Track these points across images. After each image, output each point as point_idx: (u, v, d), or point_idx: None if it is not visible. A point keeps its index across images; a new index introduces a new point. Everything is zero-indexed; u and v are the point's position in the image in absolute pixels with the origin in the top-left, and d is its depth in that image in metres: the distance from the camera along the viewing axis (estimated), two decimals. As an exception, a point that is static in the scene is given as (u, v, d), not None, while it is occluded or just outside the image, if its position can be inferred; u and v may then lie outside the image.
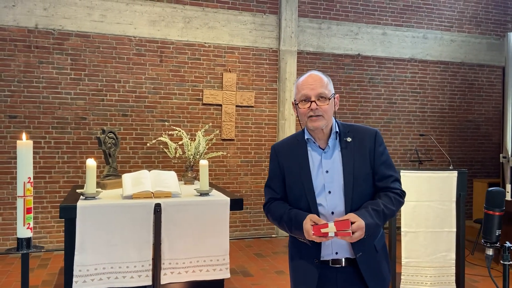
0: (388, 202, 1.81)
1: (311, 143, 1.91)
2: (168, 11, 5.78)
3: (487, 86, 7.43)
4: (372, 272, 1.83)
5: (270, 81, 6.27)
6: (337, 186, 1.82)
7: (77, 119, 5.46)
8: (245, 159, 6.17)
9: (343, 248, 1.83)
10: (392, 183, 1.87)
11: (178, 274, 3.00)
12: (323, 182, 1.84)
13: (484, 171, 7.38)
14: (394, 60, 6.88)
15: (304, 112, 1.83)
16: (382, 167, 1.87)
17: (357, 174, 1.82)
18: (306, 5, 6.43)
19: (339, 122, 1.93)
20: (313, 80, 1.83)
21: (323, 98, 1.81)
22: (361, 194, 1.82)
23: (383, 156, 1.88)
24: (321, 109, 1.80)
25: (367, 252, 1.82)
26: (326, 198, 1.83)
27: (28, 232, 2.13)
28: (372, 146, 1.87)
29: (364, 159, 1.85)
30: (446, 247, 3.66)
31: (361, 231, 1.68)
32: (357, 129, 1.92)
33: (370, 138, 1.88)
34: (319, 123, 1.82)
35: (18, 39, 5.24)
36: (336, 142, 1.88)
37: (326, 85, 1.84)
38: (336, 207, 1.82)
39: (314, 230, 1.69)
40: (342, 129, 1.90)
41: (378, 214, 1.76)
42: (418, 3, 7.00)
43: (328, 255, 1.83)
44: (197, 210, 3.05)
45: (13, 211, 5.23)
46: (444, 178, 3.67)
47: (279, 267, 4.85)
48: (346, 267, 1.84)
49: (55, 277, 4.41)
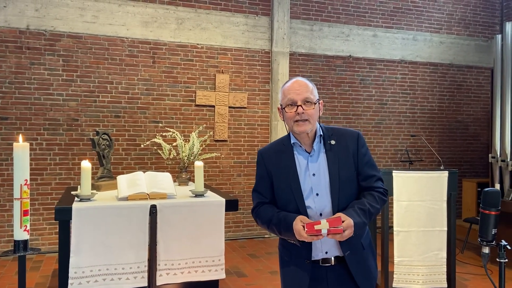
0: (372, 201, 1.88)
1: (297, 147, 1.96)
2: (161, 12, 5.78)
3: (476, 87, 7.55)
4: (360, 269, 1.90)
5: (262, 82, 6.31)
6: (324, 188, 1.88)
7: (69, 121, 5.43)
8: (238, 160, 6.20)
9: (332, 247, 1.89)
10: (375, 182, 1.94)
11: (174, 275, 3.01)
12: (311, 185, 1.89)
13: (473, 171, 7.50)
14: (385, 61, 6.96)
15: (291, 116, 1.88)
16: (366, 168, 1.94)
17: (342, 176, 1.88)
18: (298, 7, 6.48)
19: (322, 126, 2.00)
20: (299, 86, 1.90)
21: (308, 102, 1.87)
22: (347, 194, 1.89)
23: (365, 157, 1.95)
24: (307, 114, 1.86)
25: (354, 250, 1.89)
26: (314, 200, 1.88)
27: (25, 234, 2.12)
28: (355, 148, 1.94)
29: (348, 161, 1.91)
30: (437, 246, 3.72)
31: (351, 229, 1.74)
32: (340, 131, 1.99)
33: (352, 140, 1.95)
34: (305, 127, 1.87)
35: (9, 40, 5.20)
36: (320, 145, 1.94)
37: (312, 91, 1.91)
38: (324, 209, 1.87)
39: (308, 227, 1.72)
40: (325, 132, 1.96)
41: (364, 213, 1.82)
42: (408, 6, 7.09)
43: (318, 255, 1.89)
44: (192, 211, 3.07)
45: (4, 214, 5.19)
46: (435, 178, 3.74)
47: (273, 267, 4.88)
48: (336, 266, 1.89)
49: (48, 279, 4.38)
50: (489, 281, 4.42)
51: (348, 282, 1.89)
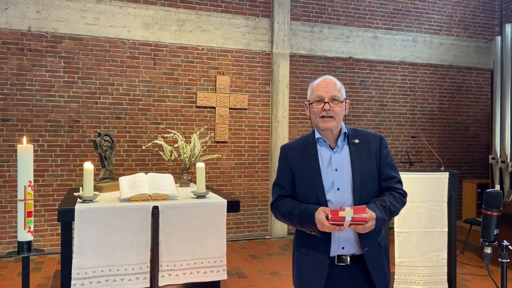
0: (393, 200, 1.92)
1: (321, 142, 2.01)
2: (162, 14, 5.80)
3: (475, 89, 7.57)
4: (377, 269, 1.91)
5: (263, 83, 6.32)
6: (346, 184, 1.92)
7: (71, 122, 5.45)
8: (239, 161, 6.21)
9: (349, 243, 1.91)
10: (395, 184, 1.98)
11: (176, 276, 3.03)
12: (332, 180, 1.93)
13: (473, 172, 7.52)
14: (385, 63, 6.99)
15: (317, 112, 1.94)
16: (387, 169, 1.99)
17: (365, 173, 1.93)
18: (298, 9, 6.50)
19: (347, 126, 2.05)
20: (327, 84, 1.95)
21: (335, 100, 1.93)
22: (368, 191, 1.93)
23: (387, 159, 2.01)
24: (333, 111, 1.92)
25: (372, 248, 1.91)
26: (335, 194, 1.91)
27: (29, 236, 2.14)
28: (377, 149, 1.99)
29: (370, 160, 1.96)
30: (438, 246, 3.74)
31: (373, 221, 1.78)
32: (363, 132, 2.05)
33: (375, 142, 2.01)
34: (330, 124, 1.93)
35: (11, 41, 5.22)
36: (344, 142, 2.00)
37: (339, 89, 1.96)
38: (344, 204, 1.90)
39: (332, 213, 1.76)
40: (350, 132, 2.02)
41: (385, 209, 1.87)
42: (408, 7, 7.11)
43: (335, 250, 1.90)
44: (194, 212, 3.08)
45: (6, 215, 5.20)
46: (436, 179, 3.75)
47: (274, 268, 4.89)
48: (351, 265, 1.91)
49: (50, 280, 4.39)
50: (490, 281, 4.44)
51: (363, 282, 1.90)
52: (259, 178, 6.32)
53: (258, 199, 6.32)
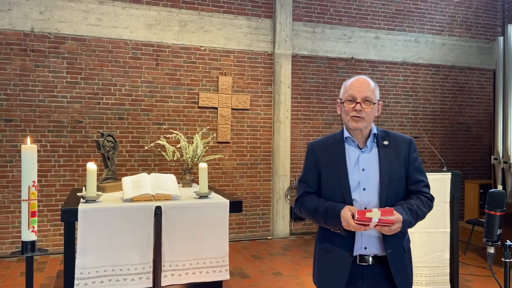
0: (420, 204, 1.91)
1: (350, 141, 2.00)
2: (164, 15, 5.82)
3: (478, 89, 7.57)
4: (400, 271, 1.90)
5: (265, 84, 6.33)
6: (372, 184, 1.91)
7: (73, 123, 5.46)
8: (241, 162, 6.22)
9: (372, 243, 1.90)
10: (423, 188, 1.98)
11: (179, 276, 3.04)
12: (359, 179, 1.93)
13: (475, 172, 7.51)
14: (387, 63, 6.99)
15: (348, 111, 1.94)
16: (415, 173, 1.98)
17: (393, 175, 1.92)
18: (300, 9, 6.51)
19: (377, 127, 2.04)
20: (361, 84, 1.95)
21: (368, 101, 1.92)
22: (395, 193, 1.92)
23: (416, 162, 2.00)
24: (365, 112, 1.91)
25: (396, 250, 1.90)
26: (360, 194, 1.91)
27: (33, 236, 2.15)
28: (407, 152, 1.99)
29: (399, 163, 1.95)
30: (440, 247, 3.74)
31: (399, 224, 1.78)
32: (394, 135, 2.04)
33: (405, 144, 2.00)
34: (360, 124, 1.93)
35: (14, 42, 5.24)
36: (374, 144, 1.99)
37: (373, 91, 1.95)
38: (369, 204, 1.90)
39: (359, 214, 1.75)
40: (379, 133, 2.01)
41: (412, 213, 1.86)
42: (410, 8, 7.11)
43: (357, 249, 1.90)
44: (197, 213, 3.09)
45: (9, 215, 5.22)
46: (438, 180, 3.75)
47: (276, 268, 4.89)
48: (373, 265, 1.90)
49: (52, 280, 4.41)
50: (492, 282, 4.43)
51: (385, 283, 1.90)
52: (261, 179, 6.33)
53: (260, 199, 6.32)
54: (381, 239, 1.88)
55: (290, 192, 6.40)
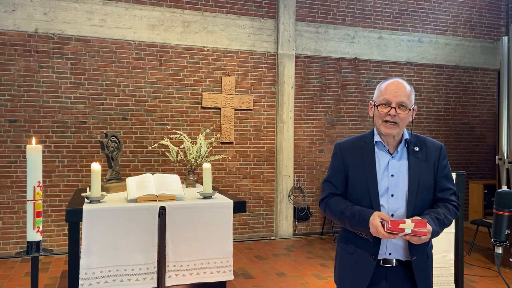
0: (447, 213, 1.90)
1: (380, 146, 1.96)
2: (167, 15, 5.83)
3: (482, 89, 7.54)
4: (423, 278, 1.90)
5: (268, 84, 6.33)
6: (401, 191, 1.89)
7: (77, 123, 5.48)
8: (244, 162, 6.22)
9: (397, 249, 1.89)
10: (450, 196, 1.96)
11: (183, 276, 3.03)
12: (387, 185, 1.90)
13: (479, 172, 7.48)
14: (390, 63, 6.97)
15: (381, 115, 1.89)
16: (444, 180, 1.96)
17: (422, 182, 1.89)
18: (303, 10, 6.50)
19: (409, 132, 2.00)
20: (398, 88, 1.88)
21: (403, 107, 1.87)
22: (423, 201, 1.90)
23: (445, 170, 1.97)
24: (399, 117, 1.86)
25: (420, 257, 1.89)
26: (388, 200, 1.89)
27: (38, 236, 2.15)
28: (436, 158, 1.96)
29: (428, 170, 1.93)
30: (445, 248, 3.72)
31: (429, 235, 1.77)
32: (424, 140, 2.00)
33: (435, 151, 1.97)
34: (392, 130, 1.88)
35: (18, 43, 5.26)
36: (404, 149, 1.95)
37: (409, 96, 1.89)
38: (397, 211, 1.88)
39: (392, 224, 1.73)
40: (411, 139, 1.97)
41: (440, 222, 1.85)
42: (413, 8, 7.09)
43: (382, 255, 1.89)
44: (201, 213, 3.09)
45: (13, 215, 5.23)
46: (442, 180, 3.73)
47: (280, 269, 4.89)
48: (397, 267, 1.89)
49: (57, 280, 4.42)
50: (497, 282, 4.42)
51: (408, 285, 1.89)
52: (265, 179, 6.32)
53: (263, 199, 6.32)
54: (407, 246, 1.86)
55: (293, 193, 6.40)
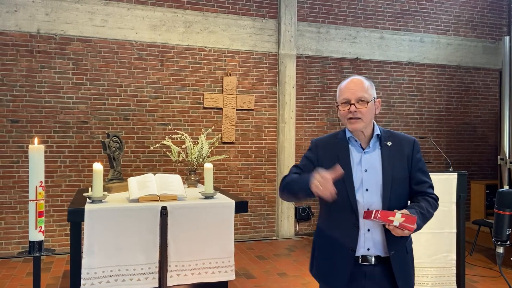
0: (428, 206, 1.92)
1: (352, 141, 2.00)
2: (169, 16, 5.83)
3: (483, 89, 7.53)
4: (402, 273, 1.90)
5: (270, 84, 6.33)
6: (375, 185, 1.91)
7: (79, 123, 5.49)
8: (246, 162, 6.22)
9: (376, 245, 1.89)
10: (427, 189, 1.98)
11: (184, 276, 3.04)
12: (361, 180, 1.92)
13: (481, 172, 7.47)
14: (392, 63, 6.97)
15: (344, 114, 1.94)
16: (419, 173, 1.98)
17: (396, 176, 1.91)
18: (305, 10, 6.50)
19: (380, 127, 2.03)
20: (354, 85, 1.93)
21: (362, 101, 1.91)
22: (398, 194, 1.92)
23: (419, 163, 1.99)
24: (360, 112, 1.90)
25: (399, 252, 1.90)
26: (363, 195, 1.90)
27: (40, 236, 2.16)
28: (410, 152, 1.98)
29: (402, 164, 1.95)
30: (446, 248, 3.72)
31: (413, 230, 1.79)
32: (397, 135, 2.03)
33: (408, 145, 1.99)
34: (357, 125, 1.92)
35: (20, 44, 5.27)
36: (377, 144, 1.98)
37: (367, 89, 1.93)
38: (372, 205, 1.89)
39: (382, 214, 1.76)
40: (383, 134, 2.00)
41: (423, 216, 1.86)
42: (415, 8, 7.09)
43: (360, 249, 1.89)
44: (202, 213, 3.09)
45: (15, 215, 5.25)
46: (444, 180, 3.73)
47: (281, 269, 4.89)
48: (376, 266, 1.90)
49: (59, 280, 4.43)
50: (498, 283, 4.41)
51: (386, 283, 1.90)
52: (266, 179, 6.33)
53: (265, 200, 6.32)
54: (385, 241, 1.88)
55: (295, 193, 6.39)
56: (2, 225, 5.20)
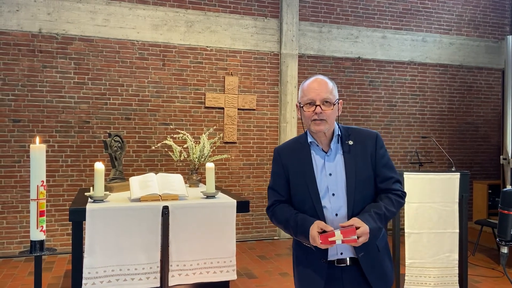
0: (389, 204, 1.87)
1: (314, 146, 1.95)
2: (171, 15, 5.83)
3: (486, 89, 7.50)
4: (375, 271, 1.88)
5: (271, 84, 6.32)
6: (340, 189, 1.87)
7: (81, 123, 5.49)
8: (247, 162, 6.21)
9: (346, 248, 1.88)
10: (393, 184, 1.92)
11: (186, 276, 3.03)
12: (327, 185, 1.88)
13: (483, 172, 7.44)
14: (394, 63, 6.95)
15: (309, 116, 1.87)
16: (384, 169, 1.93)
17: (359, 177, 1.87)
18: (307, 9, 6.49)
19: (340, 126, 1.98)
20: (319, 85, 1.87)
21: (327, 103, 1.86)
22: (363, 196, 1.88)
23: (384, 159, 1.94)
24: (325, 114, 1.85)
25: (369, 252, 1.87)
26: (330, 200, 1.87)
27: (41, 235, 2.15)
28: (373, 149, 1.93)
29: (365, 162, 1.90)
30: (449, 248, 3.71)
31: (366, 236, 1.73)
32: (358, 131, 1.97)
33: (371, 141, 1.93)
34: (322, 127, 1.86)
35: (22, 43, 5.27)
36: (338, 145, 1.93)
37: (331, 91, 1.88)
38: (340, 209, 1.86)
39: (322, 239, 1.73)
40: (343, 132, 1.95)
41: (380, 217, 1.81)
42: (417, 7, 7.07)
43: (333, 256, 1.88)
44: (204, 213, 3.08)
45: (17, 215, 5.25)
46: (446, 180, 3.72)
47: (283, 269, 4.88)
48: (352, 266, 1.88)
49: (60, 280, 4.43)
50: (501, 283, 4.39)
51: (363, 283, 1.88)
52: (268, 179, 6.32)
53: (266, 199, 6.30)
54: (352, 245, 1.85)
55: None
56: (4, 225, 5.21)
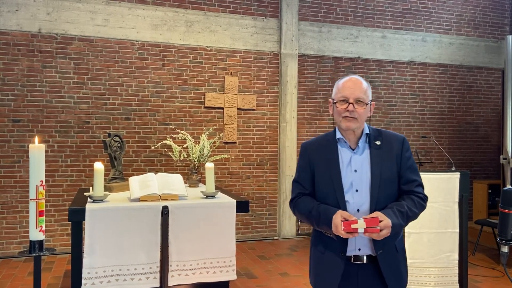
0: (412, 205, 1.90)
1: (342, 142, 1.99)
2: (170, 15, 5.82)
3: (486, 88, 7.50)
4: (392, 271, 1.91)
5: (271, 84, 6.32)
6: (364, 185, 1.91)
7: (80, 123, 5.48)
8: (247, 162, 6.21)
9: (365, 245, 1.90)
10: (416, 188, 1.96)
11: (186, 276, 3.03)
12: (351, 181, 1.92)
13: (483, 172, 7.44)
14: (394, 63, 6.94)
15: (340, 112, 1.93)
16: (408, 172, 1.97)
17: (384, 176, 1.91)
18: (306, 9, 6.49)
19: (369, 126, 2.03)
20: (354, 84, 1.94)
21: (360, 102, 1.91)
22: (386, 194, 1.91)
23: (409, 161, 1.98)
24: (357, 112, 1.90)
25: (387, 251, 1.90)
26: (353, 196, 1.91)
27: (41, 235, 2.15)
28: (399, 151, 1.97)
29: (391, 163, 1.94)
30: (449, 247, 3.70)
31: (388, 229, 1.77)
32: (386, 134, 2.02)
33: (398, 144, 1.98)
34: (352, 124, 1.91)
35: (21, 43, 5.27)
36: (366, 144, 1.98)
37: (365, 91, 1.94)
38: (362, 205, 1.90)
39: (345, 225, 1.77)
40: (372, 133, 2.00)
41: (402, 215, 1.85)
42: (417, 7, 7.07)
43: (351, 251, 1.91)
44: (203, 213, 3.08)
45: (16, 215, 5.24)
46: (447, 180, 3.72)
47: (283, 269, 4.87)
48: (368, 264, 1.90)
49: (60, 280, 4.42)
50: (501, 283, 4.39)
51: (379, 282, 1.90)
52: (268, 179, 6.31)
53: (266, 199, 6.31)
54: (372, 242, 1.88)
55: (296, 192, 6.38)
56: (4, 225, 5.20)
